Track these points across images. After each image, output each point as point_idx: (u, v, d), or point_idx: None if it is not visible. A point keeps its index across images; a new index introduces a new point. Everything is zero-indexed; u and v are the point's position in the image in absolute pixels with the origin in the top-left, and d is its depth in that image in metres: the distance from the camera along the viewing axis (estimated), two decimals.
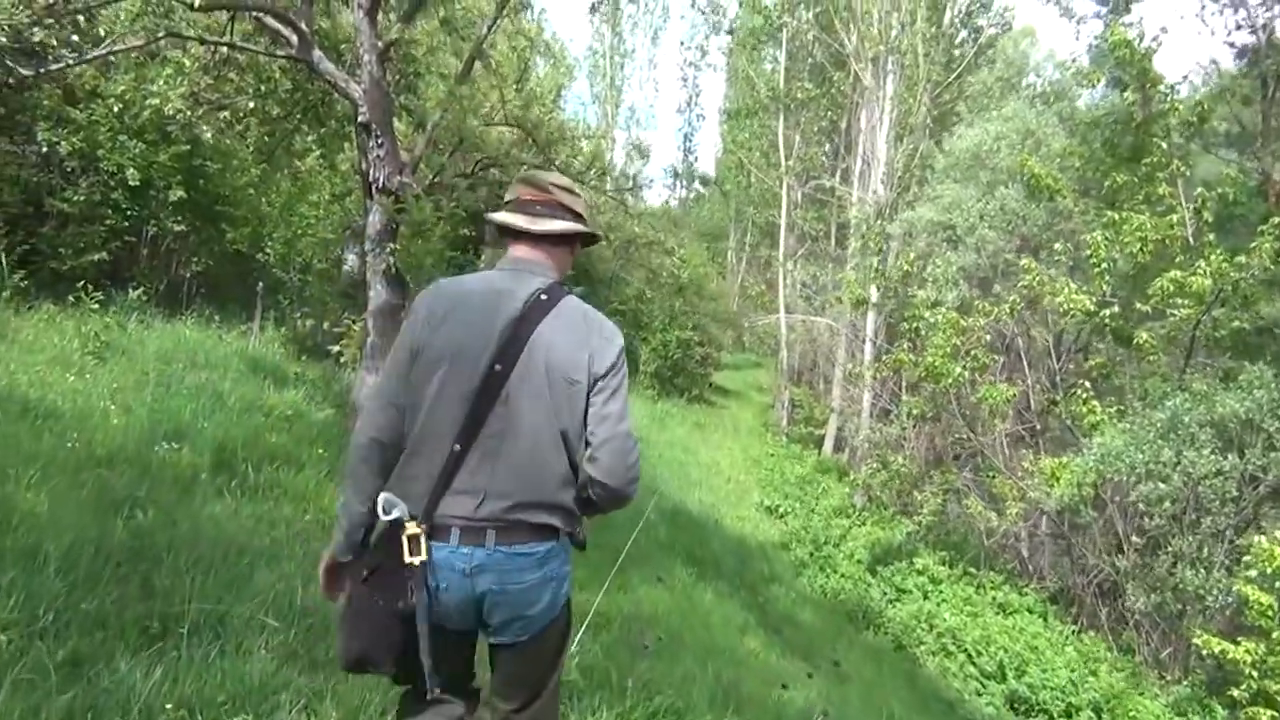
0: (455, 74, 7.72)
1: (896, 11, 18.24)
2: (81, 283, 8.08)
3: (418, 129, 8.65)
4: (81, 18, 7.59)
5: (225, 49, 7.60)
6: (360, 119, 6.90)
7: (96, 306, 8.06)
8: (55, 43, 7.57)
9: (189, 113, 7.58)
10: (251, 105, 9.12)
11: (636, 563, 7.83)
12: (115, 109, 8.68)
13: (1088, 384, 11.92)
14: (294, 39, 7.02)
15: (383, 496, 2.01)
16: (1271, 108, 11.71)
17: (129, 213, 9.49)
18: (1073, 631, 11.22)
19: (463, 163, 7.54)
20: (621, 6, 40.37)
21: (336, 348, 8.23)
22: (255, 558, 4.24)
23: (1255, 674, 8.55)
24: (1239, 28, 13.12)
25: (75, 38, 8.01)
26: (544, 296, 2.12)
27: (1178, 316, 11.14)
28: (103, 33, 8.04)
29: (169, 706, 2.76)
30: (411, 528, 1.98)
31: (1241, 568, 9.39)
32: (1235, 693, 8.65)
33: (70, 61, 7.60)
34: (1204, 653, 9.23)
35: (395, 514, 1.99)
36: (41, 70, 7.52)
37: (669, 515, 10.94)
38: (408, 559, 1.96)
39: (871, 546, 14.22)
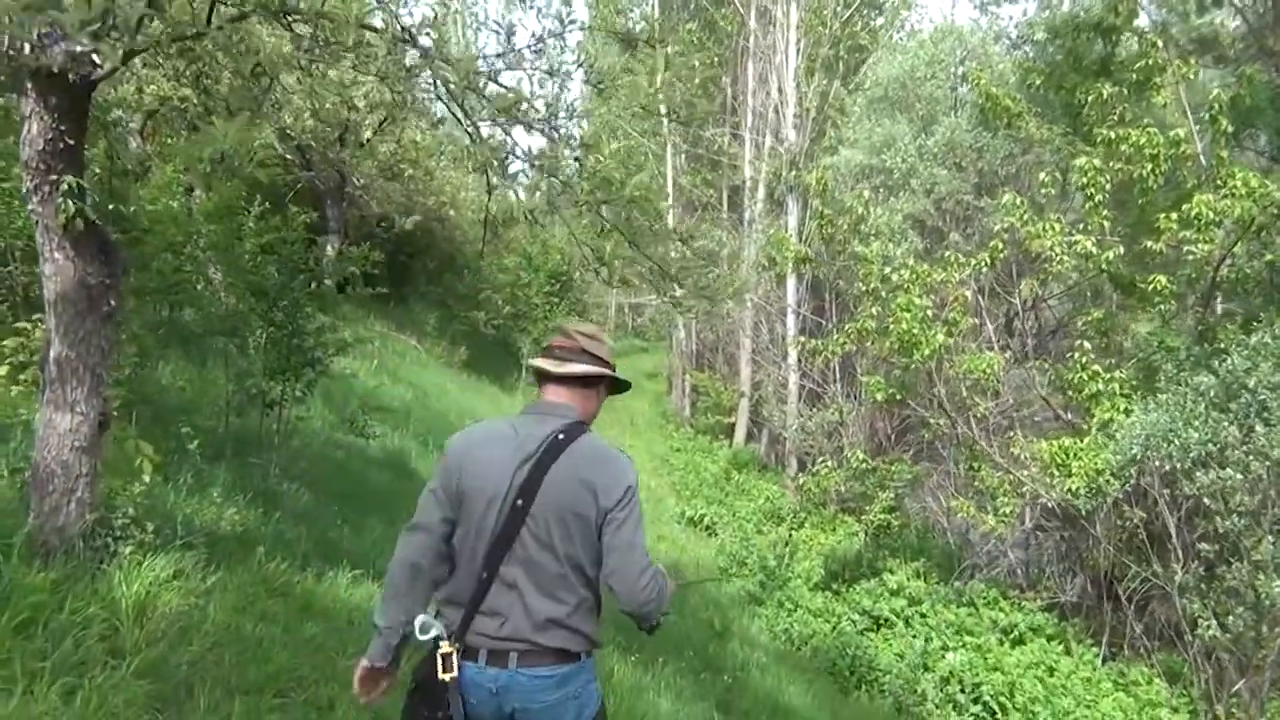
0: None
1: None
2: None
3: None
4: None
5: None
6: None
7: None
8: None
9: None
10: None
11: None
12: None
13: (1086, 345, 9.59)
14: None
15: (420, 619, 2.17)
16: None
17: None
18: (1099, 658, 8.94)
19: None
20: None
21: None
22: None
23: None
24: None
25: None
26: (561, 436, 2.21)
27: (1197, 255, 8.91)
28: None
29: None
30: (445, 647, 2.14)
31: None
32: None
33: None
34: None
35: (433, 633, 2.16)
36: None
37: None
38: (440, 675, 2.13)
39: (825, 560, 11.68)
